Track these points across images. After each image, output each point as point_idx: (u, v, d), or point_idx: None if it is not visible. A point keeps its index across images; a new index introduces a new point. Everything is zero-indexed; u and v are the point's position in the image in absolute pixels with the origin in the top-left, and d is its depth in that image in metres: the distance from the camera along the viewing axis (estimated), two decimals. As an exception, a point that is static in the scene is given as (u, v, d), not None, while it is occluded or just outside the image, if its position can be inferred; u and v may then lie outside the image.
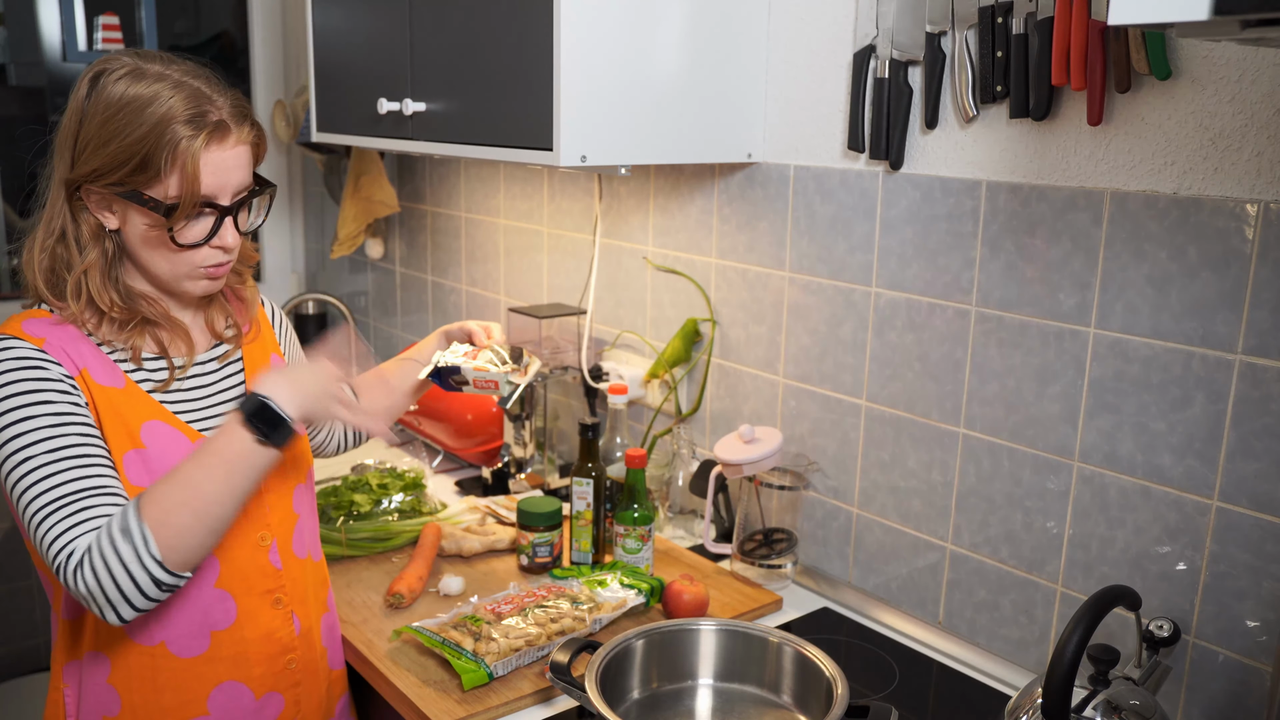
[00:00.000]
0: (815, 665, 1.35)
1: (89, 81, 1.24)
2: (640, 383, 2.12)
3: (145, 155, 1.20)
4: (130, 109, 1.20)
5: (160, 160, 1.20)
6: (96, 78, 1.24)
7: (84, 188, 1.24)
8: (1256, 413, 1.25)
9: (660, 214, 2.07)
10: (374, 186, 2.79)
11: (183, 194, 1.21)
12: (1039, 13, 1.37)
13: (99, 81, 1.23)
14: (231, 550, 1.33)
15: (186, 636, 1.31)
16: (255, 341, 1.44)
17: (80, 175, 1.22)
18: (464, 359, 1.64)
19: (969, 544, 1.59)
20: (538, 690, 1.44)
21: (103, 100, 1.21)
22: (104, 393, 1.25)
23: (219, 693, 1.34)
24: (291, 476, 1.41)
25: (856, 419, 1.73)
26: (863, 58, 1.61)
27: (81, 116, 1.23)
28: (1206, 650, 1.32)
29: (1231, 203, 1.24)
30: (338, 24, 2.14)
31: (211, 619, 1.32)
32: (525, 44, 1.62)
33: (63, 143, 1.25)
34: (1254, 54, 1.21)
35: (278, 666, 1.38)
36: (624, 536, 1.74)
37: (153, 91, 1.21)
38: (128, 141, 1.20)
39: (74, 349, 1.25)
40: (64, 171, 1.24)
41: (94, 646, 1.30)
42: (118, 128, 1.20)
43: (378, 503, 1.96)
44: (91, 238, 1.25)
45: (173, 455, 1.26)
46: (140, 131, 1.19)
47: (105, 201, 1.24)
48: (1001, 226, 1.48)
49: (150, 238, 1.25)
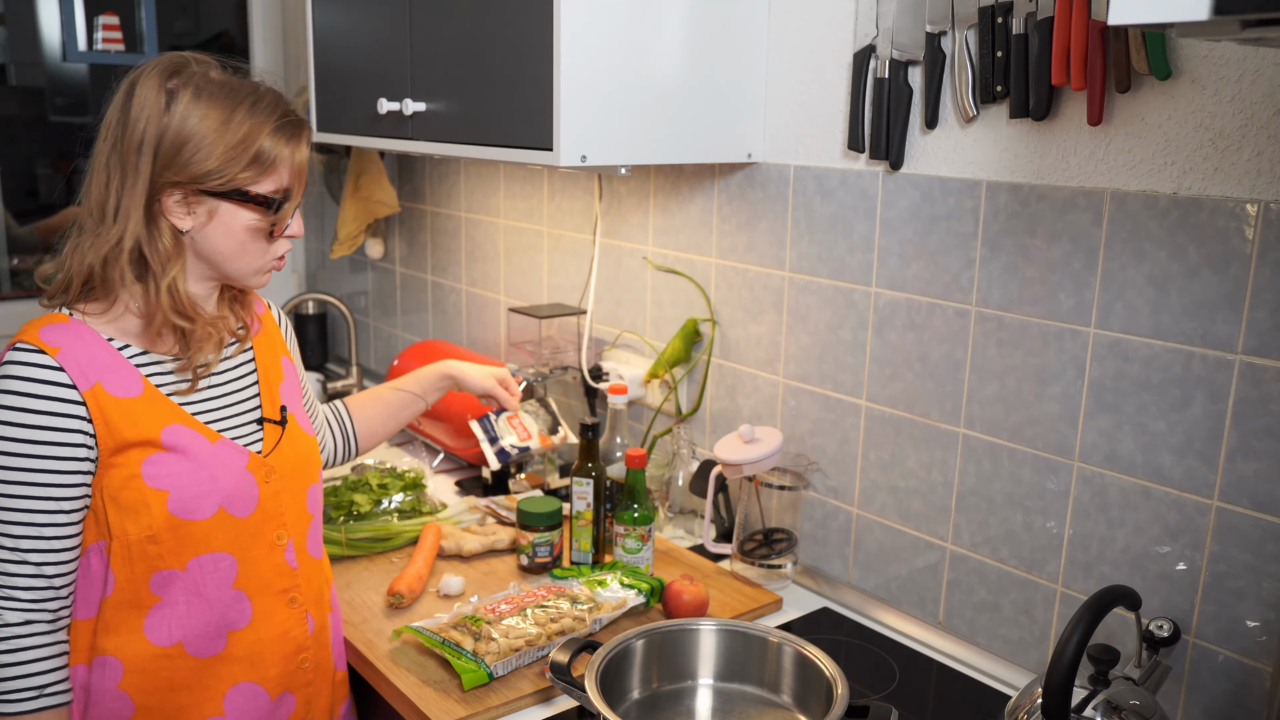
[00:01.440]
0: (815, 665, 1.35)
1: (161, 90, 1.24)
2: (640, 383, 2.12)
3: (256, 153, 1.25)
4: (231, 114, 1.24)
5: (269, 157, 1.26)
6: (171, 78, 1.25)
7: (165, 192, 1.24)
8: (1256, 413, 1.25)
9: (660, 214, 2.07)
10: (374, 186, 2.79)
11: (291, 187, 1.30)
12: (1039, 13, 1.37)
13: (176, 88, 1.24)
14: (249, 550, 1.33)
15: (204, 637, 1.31)
16: (262, 334, 1.45)
17: (186, 178, 1.23)
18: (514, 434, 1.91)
19: (969, 544, 1.59)
20: (538, 690, 1.44)
21: (199, 107, 1.23)
22: (118, 405, 1.25)
23: (235, 693, 1.34)
24: (306, 475, 1.42)
25: (856, 419, 1.73)
26: (863, 58, 1.61)
27: (165, 121, 1.23)
28: (1206, 650, 1.32)
29: (1231, 203, 1.24)
30: (338, 24, 2.14)
31: (228, 619, 1.32)
32: (525, 44, 1.62)
33: (134, 150, 1.23)
34: (1254, 54, 1.21)
35: (291, 666, 1.38)
36: (624, 536, 1.74)
37: (245, 95, 1.27)
38: (235, 141, 1.24)
39: (89, 358, 1.24)
40: (148, 174, 1.23)
41: (104, 650, 1.29)
42: (222, 130, 1.23)
43: (378, 503, 1.96)
44: (174, 243, 1.26)
45: (192, 457, 1.28)
46: (245, 131, 1.24)
47: (185, 204, 1.26)
48: (1001, 226, 1.48)
49: (250, 233, 1.29)
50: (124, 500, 1.25)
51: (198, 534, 1.29)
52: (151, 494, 1.25)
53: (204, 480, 1.28)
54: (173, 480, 1.26)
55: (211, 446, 1.30)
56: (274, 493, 1.36)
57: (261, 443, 1.37)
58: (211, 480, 1.29)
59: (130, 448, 1.24)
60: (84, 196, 1.28)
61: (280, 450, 1.39)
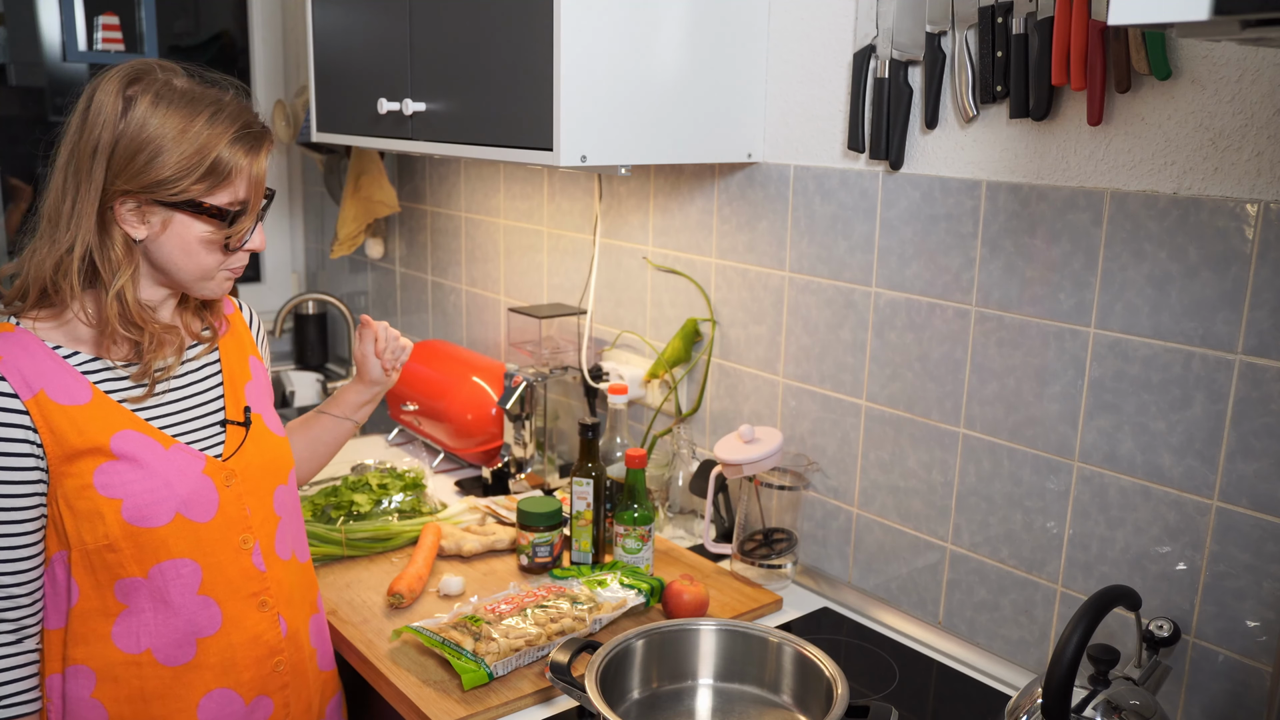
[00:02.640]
0: (815, 665, 1.35)
1: (120, 96, 1.22)
2: (640, 383, 2.12)
3: (212, 164, 1.23)
4: (189, 123, 1.22)
5: (226, 168, 1.24)
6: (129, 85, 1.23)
7: (118, 201, 1.22)
8: (1256, 413, 1.25)
9: (660, 214, 2.07)
10: (374, 186, 2.79)
11: (249, 199, 1.27)
12: (1039, 13, 1.37)
13: (135, 95, 1.22)
14: (213, 555, 1.32)
15: (173, 645, 1.30)
16: (229, 335, 1.44)
17: (138, 187, 1.21)
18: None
19: (969, 544, 1.59)
20: (538, 690, 1.44)
21: (156, 114, 1.21)
22: (64, 412, 1.23)
23: (208, 700, 1.33)
24: (272, 477, 1.40)
25: (856, 419, 1.73)
26: (863, 58, 1.61)
27: (121, 128, 1.21)
28: (1206, 650, 1.32)
29: (1231, 203, 1.24)
30: (338, 24, 2.14)
31: (197, 626, 1.31)
32: (525, 44, 1.62)
33: (89, 156, 1.22)
34: (1254, 54, 1.21)
35: (266, 669, 1.37)
36: (624, 536, 1.74)
37: (206, 105, 1.25)
38: (190, 151, 1.22)
39: (32, 367, 1.23)
40: (100, 183, 1.22)
41: (76, 660, 1.29)
42: (178, 139, 1.21)
43: (378, 503, 1.96)
44: (125, 252, 1.24)
45: (144, 464, 1.27)
46: (202, 140, 1.22)
47: (138, 213, 1.24)
48: (1001, 226, 1.48)
49: (204, 245, 1.26)
50: (79, 509, 1.24)
51: (156, 541, 1.27)
52: (105, 503, 1.24)
53: (158, 487, 1.27)
54: (126, 488, 1.25)
55: (166, 452, 1.28)
56: (235, 496, 1.34)
57: (223, 446, 1.35)
58: (166, 486, 1.27)
59: (80, 456, 1.23)
60: (41, 202, 1.26)
61: (243, 453, 1.36)
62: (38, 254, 1.25)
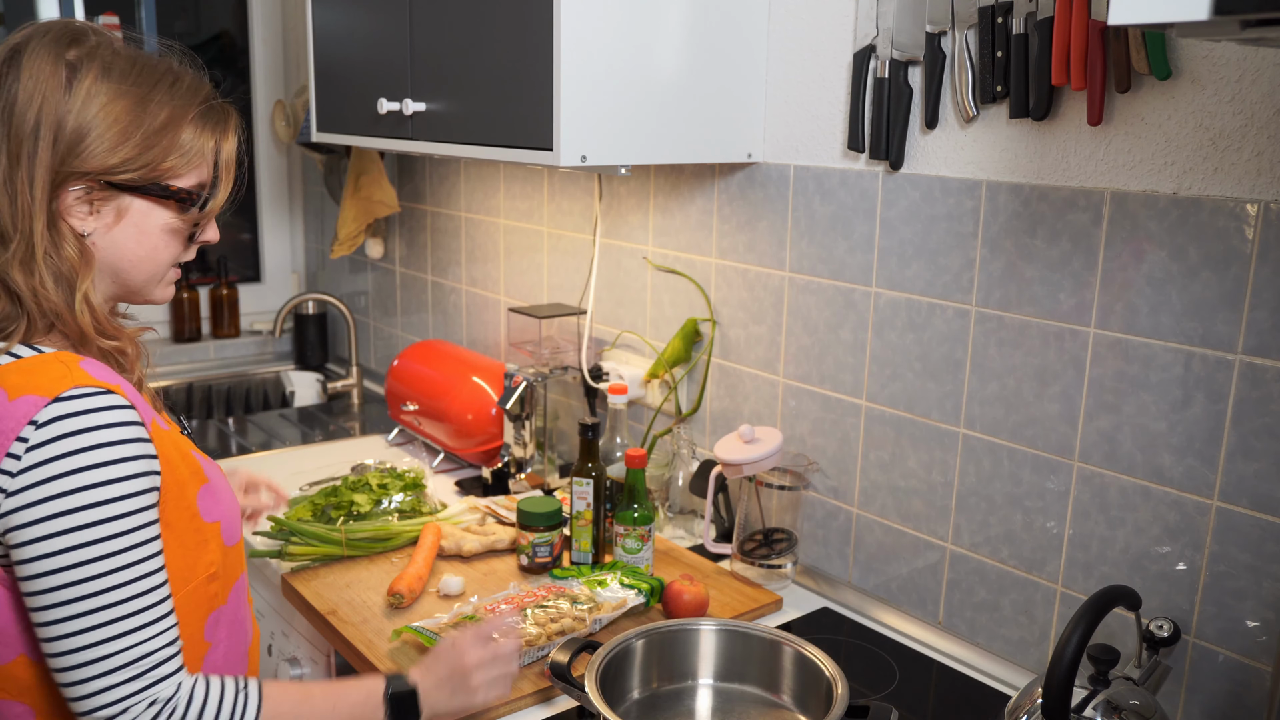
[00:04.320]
0: (815, 665, 1.35)
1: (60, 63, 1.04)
2: (640, 383, 2.12)
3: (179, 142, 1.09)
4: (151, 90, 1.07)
5: (193, 147, 1.10)
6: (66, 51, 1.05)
7: (67, 187, 1.05)
8: (1256, 413, 1.25)
9: (660, 214, 2.07)
10: (374, 186, 2.79)
11: (220, 180, 1.14)
12: (1039, 13, 1.37)
13: (78, 62, 1.05)
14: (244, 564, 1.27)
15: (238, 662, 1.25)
16: None
17: (94, 169, 1.04)
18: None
19: (969, 544, 1.59)
20: (538, 690, 1.44)
21: (106, 87, 1.05)
22: (169, 438, 1.11)
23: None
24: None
25: (856, 419, 1.73)
26: (863, 58, 1.61)
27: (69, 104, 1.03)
28: (1206, 650, 1.32)
29: (1231, 203, 1.24)
30: (338, 24, 2.14)
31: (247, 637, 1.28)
32: (525, 44, 1.62)
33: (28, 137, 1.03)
34: (1254, 54, 1.21)
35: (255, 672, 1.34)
36: (624, 536, 1.74)
37: (163, 72, 1.10)
38: (154, 127, 1.07)
39: (133, 393, 1.07)
40: (49, 165, 1.03)
41: None
42: (138, 114, 1.06)
43: (378, 503, 1.96)
44: (80, 249, 1.07)
45: (220, 483, 1.19)
46: (165, 115, 1.08)
47: (88, 201, 1.07)
48: (1001, 226, 1.48)
49: (167, 235, 1.12)
50: (188, 542, 1.12)
51: (234, 559, 1.21)
52: (209, 528, 1.15)
53: (231, 504, 1.21)
54: (219, 509, 1.17)
55: (211, 464, 1.21)
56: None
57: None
58: (233, 503, 1.22)
59: (185, 484, 1.11)
60: None
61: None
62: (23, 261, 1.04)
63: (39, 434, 0.98)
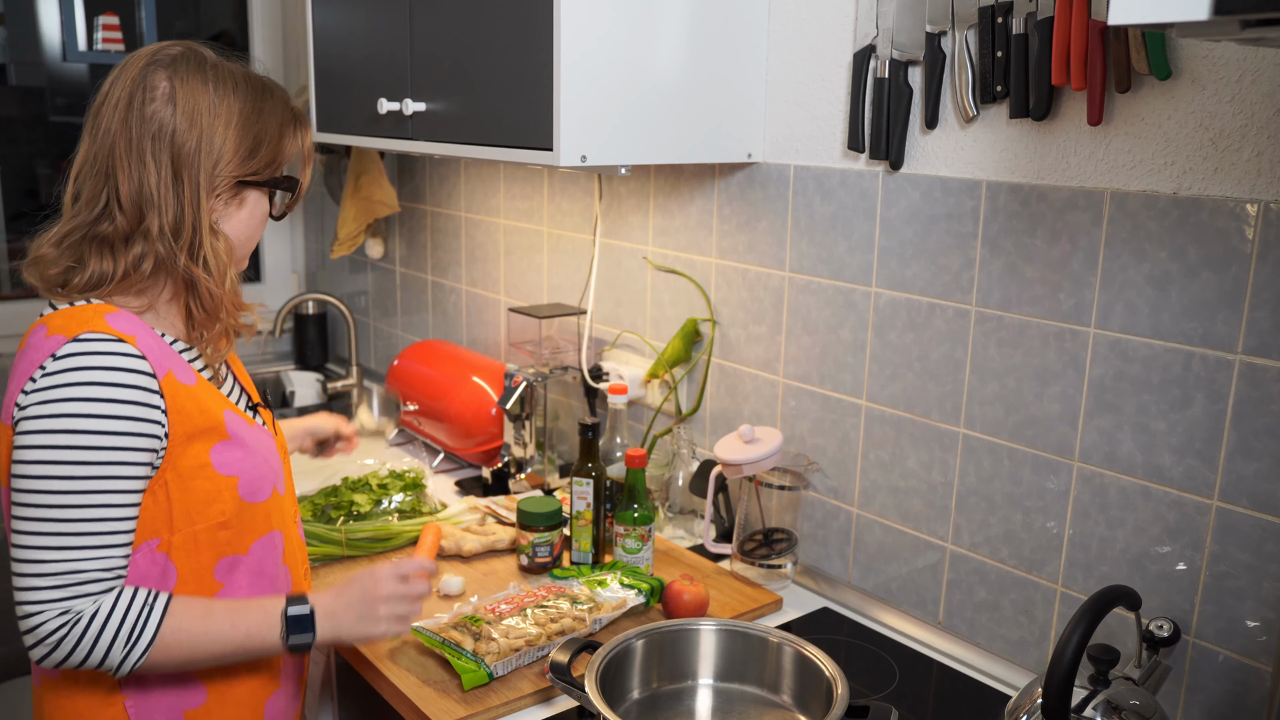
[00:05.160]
0: (815, 665, 1.35)
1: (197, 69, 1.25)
2: (640, 383, 2.12)
3: (285, 142, 1.32)
4: (262, 101, 1.29)
5: (293, 144, 1.34)
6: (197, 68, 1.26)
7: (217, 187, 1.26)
8: (1256, 413, 1.25)
9: (660, 214, 2.07)
10: (374, 186, 2.79)
11: (304, 168, 1.38)
12: (1039, 13, 1.37)
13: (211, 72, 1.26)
14: (288, 527, 1.39)
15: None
16: None
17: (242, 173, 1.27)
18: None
19: (969, 544, 1.59)
20: (538, 690, 1.44)
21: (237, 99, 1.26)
22: (188, 392, 1.23)
23: (286, 663, 1.40)
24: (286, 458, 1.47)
25: (856, 419, 1.73)
26: (863, 58, 1.61)
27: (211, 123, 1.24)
28: (1206, 650, 1.32)
29: (1231, 203, 1.24)
30: (338, 24, 2.14)
31: (280, 594, 1.35)
32: (525, 44, 1.62)
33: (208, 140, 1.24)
34: (1254, 54, 1.21)
35: None
36: (624, 536, 1.74)
37: (259, 82, 1.31)
38: (272, 132, 1.30)
39: (159, 349, 1.22)
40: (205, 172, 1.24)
41: None
42: (259, 121, 1.28)
43: (378, 503, 1.96)
44: (223, 235, 1.28)
45: (248, 442, 1.30)
46: (277, 120, 1.31)
47: (229, 197, 1.28)
48: (1001, 226, 1.48)
49: (264, 219, 1.34)
50: (195, 489, 1.24)
51: (261, 516, 1.32)
52: (223, 480, 1.26)
53: (260, 463, 1.31)
54: (239, 465, 1.27)
55: (253, 430, 1.32)
56: (288, 471, 1.42)
57: (267, 425, 1.41)
58: (266, 463, 1.32)
59: (199, 436, 1.24)
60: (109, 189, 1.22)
61: (278, 432, 1.45)
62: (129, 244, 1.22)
63: (53, 365, 1.16)
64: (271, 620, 1.26)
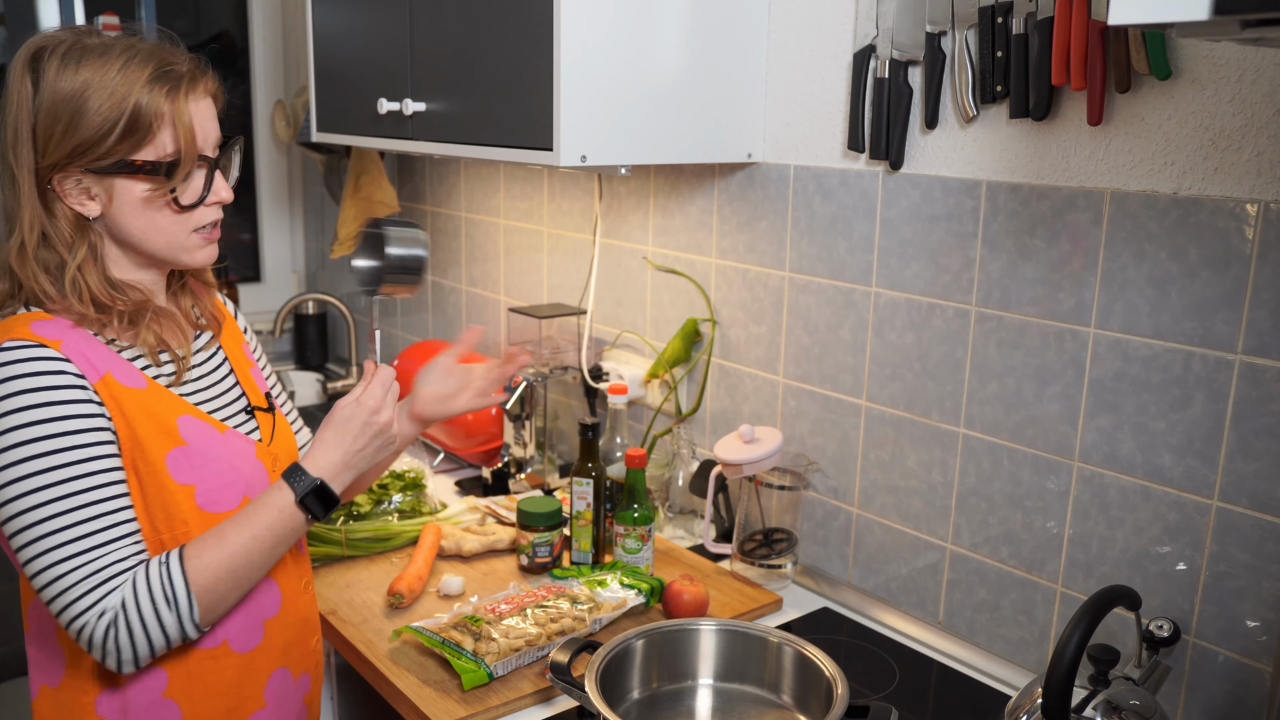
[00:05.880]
0: (815, 665, 1.35)
1: (29, 66, 1.15)
2: (640, 383, 2.12)
3: (131, 118, 1.14)
4: (100, 77, 1.13)
5: (148, 119, 1.15)
6: (36, 59, 1.15)
7: (55, 179, 1.16)
8: (1256, 413, 1.25)
9: (660, 214, 2.07)
10: (374, 186, 2.79)
11: (181, 148, 1.17)
12: (1039, 13, 1.37)
13: (42, 62, 1.14)
14: None
15: (245, 631, 1.28)
16: (225, 331, 1.40)
17: (58, 159, 1.14)
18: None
19: (969, 544, 1.59)
20: (538, 690, 1.44)
21: (64, 78, 1.13)
22: (132, 395, 1.18)
23: (272, 681, 1.33)
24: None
25: (856, 419, 1.73)
26: (863, 58, 1.61)
27: (37, 102, 1.14)
28: (1206, 650, 1.32)
29: (1231, 203, 1.24)
30: (338, 24, 2.14)
31: (263, 608, 1.31)
32: (525, 44, 1.62)
33: (17, 137, 1.15)
34: (1254, 54, 1.21)
35: (308, 647, 1.39)
36: (624, 536, 1.74)
37: (116, 55, 1.15)
38: (106, 109, 1.13)
39: (92, 352, 1.17)
40: (30, 164, 1.15)
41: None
42: (90, 99, 1.13)
43: (378, 503, 1.96)
44: (74, 232, 1.18)
45: (210, 449, 1.23)
46: (118, 96, 1.13)
47: (82, 188, 1.17)
48: (1001, 226, 1.48)
49: (149, 206, 1.18)
50: (152, 498, 1.19)
51: None
52: (179, 489, 1.20)
53: (224, 470, 1.24)
54: (196, 473, 1.21)
55: (223, 436, 1.26)
56: None
57: (259, 431, 1.35)
58: (232, 470, 1.25)
59: (151, 441, 1.18)
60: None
61: (278, 438, 1.37)
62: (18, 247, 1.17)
63: None
64: (289, 512, 1.21)
